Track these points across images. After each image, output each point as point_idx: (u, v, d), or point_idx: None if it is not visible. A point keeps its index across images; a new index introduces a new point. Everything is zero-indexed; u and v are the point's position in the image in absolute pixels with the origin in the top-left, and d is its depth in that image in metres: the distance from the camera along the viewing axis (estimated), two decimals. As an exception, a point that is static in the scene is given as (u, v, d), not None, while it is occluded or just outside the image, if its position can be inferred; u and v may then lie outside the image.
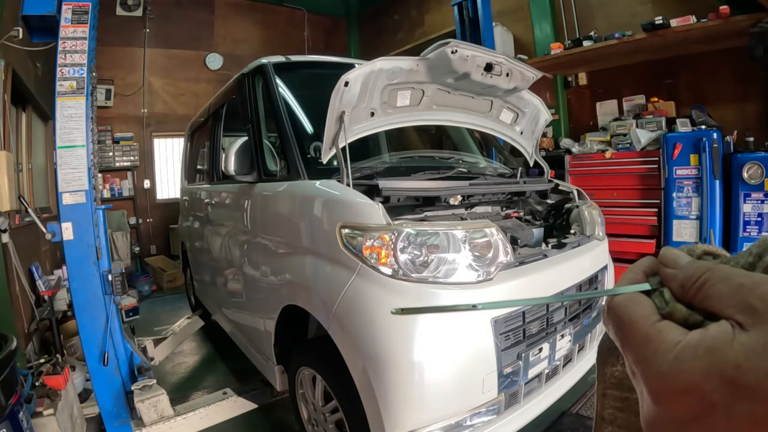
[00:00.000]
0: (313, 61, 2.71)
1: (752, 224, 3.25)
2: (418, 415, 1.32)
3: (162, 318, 4.29)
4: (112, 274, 2.14)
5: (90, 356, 2.14)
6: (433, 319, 1.35)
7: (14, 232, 2.75)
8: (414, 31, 6.85)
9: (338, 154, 1.66)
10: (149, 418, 2.17)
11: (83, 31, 2.05)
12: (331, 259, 1.56)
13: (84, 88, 2.06)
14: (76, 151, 2.05)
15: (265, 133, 2.16)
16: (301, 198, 1.79)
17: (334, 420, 1.71)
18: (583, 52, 4.13)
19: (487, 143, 3.04)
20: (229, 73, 5.24)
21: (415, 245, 1.40)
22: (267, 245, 2.04)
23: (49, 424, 1.90)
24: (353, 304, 1.43)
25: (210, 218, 3.04)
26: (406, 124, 2.06)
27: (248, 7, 7.11)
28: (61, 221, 2.02)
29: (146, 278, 5.58)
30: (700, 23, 3.42)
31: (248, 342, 2.47)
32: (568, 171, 4.26)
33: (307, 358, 1.80)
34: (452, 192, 1.79)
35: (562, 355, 1.70)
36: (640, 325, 0.22)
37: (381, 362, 1.33)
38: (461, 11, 4.36)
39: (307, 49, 7.54)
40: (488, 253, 1.47)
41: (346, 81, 1.65)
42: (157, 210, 6.50)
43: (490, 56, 1.87)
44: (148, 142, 6.40)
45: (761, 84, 3.65)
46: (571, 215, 2.15)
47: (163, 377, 2.91)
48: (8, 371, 1.54)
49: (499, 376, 1.41)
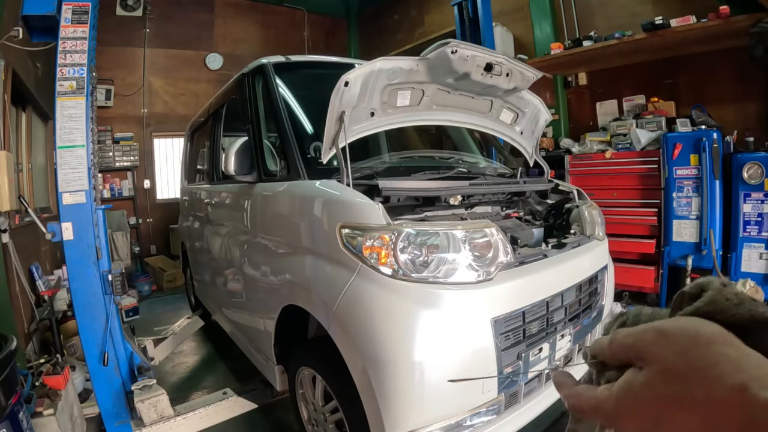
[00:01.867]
0: (313, 61, 2.71)
1: (752, 224, 3.25)
2: (418, 415, 1.32)
3: (162, 318, 4.29)
4: (112, 274, 2.14)
5: (90, 356, 2.14)
6: (432, 319, 1.35)
7: (14, 232, 2.75)
8: (414, 31, 6.85)
9: (338, 154, 1.66)
10: (149, 418, 2.17)
11: (83, 31, 2.05)
12: (331, 259, 1.56)
13: (84, 88, 2.06)
14: (76, 151, 2.05)
15: (265, 133, 2.16)
16: (301, 198, 1.79)
17: (334, 420, 1.71)
18: (583, 52, 4.13)
19: (487, 143, 3.04)
20: (229, 73, 5.24)
21: (415, 245, 1.40)
22: (267, 245, 2.04)
23: (49, 424, 1.90)
24: (353, 304, 1.43)
25: (210, 218, 3.04)
26: (406, 124, 2.06)
27: (248, 7, 7.11)
28: (61, 221, 2.02)
29: (146, 278, 5.58)
30: (700, 23, 3.42)
31: (248, 342, 2.47)
32: (568, 171, 4.26)
33: (307, 358, 1.80)
34: (452, 192, 1.79)
35: (562, 355, 1.70)
36: (584, 396, 0.33)
37: (381, 362, 1.33)
38: (461, 11, 4.36)
39: (307, 49, 7.54)
40: (488, 253, 1.47)
41: (346, 81, 1.65)
42: (157, 210, 6.50)
43: (490, 56, 1.87)
44: (148, 142, 6.40)
45: (761, 84, 3.65)
46: (571, 215, 2.15)
47: (163, 377, 2.91)
48: (8, 371, 1.54)
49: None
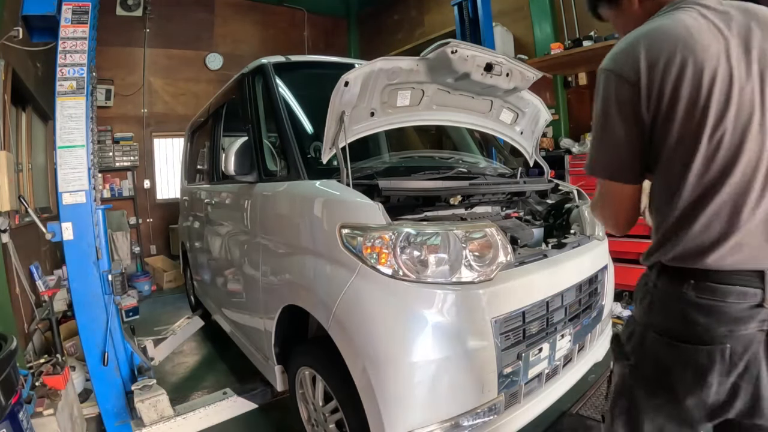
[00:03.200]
0: (313, 61, 2.71)
1: (752, 224, 3.25)
2: (418, 414, 1.32)
3: (162, 318, 4.29)
4: (112, 274, 2.14)
5: (90, 356, 2.14)
6: (432, 319, 1.35)
7: (14, 232, 2.75)
8: (414, 31, 6.85)
9: (338, 154, 1.66)
10: (149, 418, 2.17)
11: (83, 31, 2.05)
12: (331, 259, 1.56)
13: (84, 88, 2.06)
14: (76, 151, 2.05)
15: (265, 133, 2.16)
16: (301, 198, 1.79)
17: (334, 420, 1.71)
18: (583, 52, 4.13)
19: (487, 143, 3.04)
20: (229, 73, 5.23)
21: (415, 245, 1.40)
22: (267, 245, 2.04)
23: (49, 424, 1.90)
24: (353, 304, 1.43)
25: (210, 218, 3.04)
26: (406, 124, 2.06)
27: (248, 7, 7.11)
28: (61, 221, 2.02)
29: (146, 278, 5.58)
30: (700, 23, 3.41)
31: (248, 342, 2.47)
32: (568, 171, 4.25)
33: (307, 358, 1.80)
34: (452, 192, 1.79)
35: (562, 355, 1.70)
36: None
37: (381, 362, 1.33)
38: (461, 11, 4.37)
39: (307, 49, 7.54)
40: (488, 253, 1.47)
41: (346, 81, 1.65)
42: (157, 210, 6.50)
43: (490, 56, 1.87)
44: (148, 142, 6.40)
45: (761, 84, 3.64)
46: (571, 215, 2.15)
47: (163, 377, 2.91)
48: (8, 371, 1.53)
49: (499, 376, 1.41)
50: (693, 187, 0.84)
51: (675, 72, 0.83)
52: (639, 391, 0.99)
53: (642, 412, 0.99)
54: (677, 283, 0.88)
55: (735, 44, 0.84)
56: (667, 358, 0.91)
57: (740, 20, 0.87)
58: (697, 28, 0.85)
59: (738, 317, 0.82)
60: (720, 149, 0.82)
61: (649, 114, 0.87)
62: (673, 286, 0.89)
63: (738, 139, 0.82)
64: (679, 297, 0.88)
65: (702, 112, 0.82)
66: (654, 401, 0.97)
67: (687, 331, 0.87)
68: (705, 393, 0.86)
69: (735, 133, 0.82)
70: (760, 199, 0.82)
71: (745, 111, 0.82)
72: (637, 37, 0.89)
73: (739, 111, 0.82)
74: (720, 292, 0.83)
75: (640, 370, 0.98)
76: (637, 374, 0.99)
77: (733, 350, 0.83)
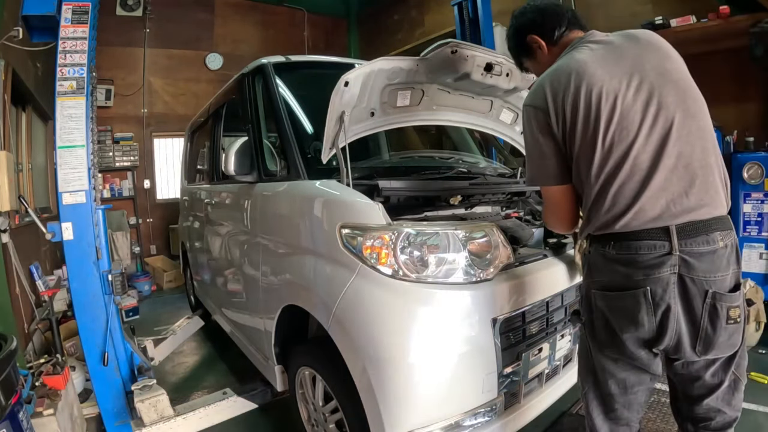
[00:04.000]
0: (313, 61, 2.71)
1: (752, 224, 3.25)
2: (418, 414, 1.32)
3: (162, 318, 4.29)
4: (112, 274, 2.14)
5: (90, 356, 2.14)
6: (432, 319, 1.35)
7: (14, 232, 2.75)
8: (414, 31, 6.85)
9: (338, 154, 1.66)
10: (149, 418, 2.17)
11: (83, 31, 2.05)
12: (331, 259, 1.56)
13: (84, 88, 2.06)
14: (76, 151, 2.05)
15: (265, 133, 2.16)
16: (301, 198, 1.79)
17: (334, 420, 1.71)
18: (583, 52, 4.13)
19: (487, 143, 3.04)
20: (229, 73, 5.21)
21: (415, 245, 1.40)
22: (267, 245, 2.04)
23: (49, 424, 1.90)
24: (353, 304, 1.43)
25: (210, 218, 3.04)
26: (406, 124, 2.06)
27: (248, 7, 7.11)
28: (61, 221, 2.02)
29: (146, 278, 5.58)
30: (700, 23, 3.42)
31: (248, 342, 2.47)
32: (568, 171, 4.26)
33: (307, 358, 1.80)
34: (452, 192, 1.79)
35: (562, 355, 1.70)
36: None
37: (381, 362, 1.33)
38: (461, 11, 4.36)
39: (307, 49, 7.54)
40: (488, 253, 1.47)
41: (346, 81, 1.65)
42: (157, 210, 6.51)
43: (490, 56, 1.87)
44: (148, 142, 6.40)
45: (761, 84, 3.64)
46: (571, 215, 2.15)
47: (163, 377, 2.91)
48: (8, 371, 1.53)
49: (499, 376, 1.41)
50: (596, 178, 1.10)
51: (571, 96, 1.10)
52: (594, 345, 1.21)
53: (604, 370, 1.19)
54: (602, 246, 1.14)
55: (618, 65, 1.10)
56: (605, 308, 1.14)
57: (623, 44, 1.14)
58: (584, 60, 1.12)
59: (651, 264, 1.05)
60: (613, 148, 1.08)
61: (560, 131, 1.15)
62: (600, 249, 1.15)
63: (626, 137, 1.07)
64: (605, 256, 1.13)
65: (594, 122, 1.08)
66: (606, 352, 1.18)
67: (614, 281, 1.11)
68: (640, 331, 1.08)
69: (623, 133, 1.07)
70: (648, 180, 1.05)
71: (630, 115, 1.07)
72: (543, 77, 1.20)
73: (623, 116, 1.07)
74: (633, 246, 1.07)
75: (591, 326, 1.20)
76: (590, 331, 1.21)
77: (653, 292, 1.05)
